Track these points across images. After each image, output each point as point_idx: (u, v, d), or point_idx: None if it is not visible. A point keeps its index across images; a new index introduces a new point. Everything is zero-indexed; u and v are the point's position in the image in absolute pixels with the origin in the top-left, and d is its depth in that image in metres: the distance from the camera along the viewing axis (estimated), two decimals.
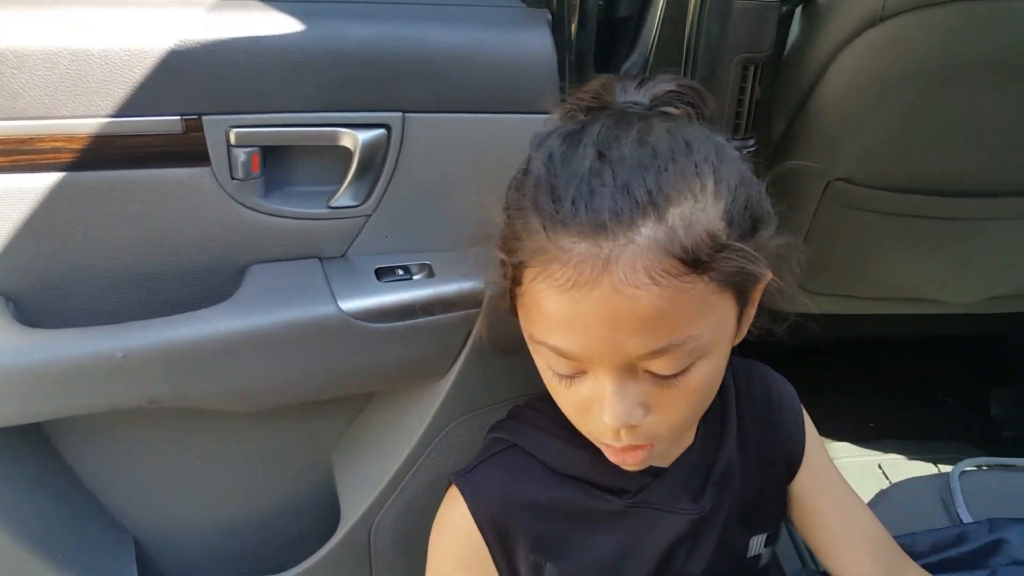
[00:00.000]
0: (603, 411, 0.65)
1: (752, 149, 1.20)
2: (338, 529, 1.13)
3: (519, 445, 0.80)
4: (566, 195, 0.61)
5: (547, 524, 0.77)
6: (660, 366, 0.63)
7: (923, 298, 1.58)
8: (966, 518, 0.98)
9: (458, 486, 0.79)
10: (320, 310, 0.94)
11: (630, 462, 0.69)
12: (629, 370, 0.64)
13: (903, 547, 0.88)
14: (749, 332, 0.78)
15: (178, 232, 0.95)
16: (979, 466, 1.09)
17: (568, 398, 0.69)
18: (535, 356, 0.71)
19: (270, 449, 1.13)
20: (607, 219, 0.59)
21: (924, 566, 0.89)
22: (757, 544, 0.84)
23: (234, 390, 0.97)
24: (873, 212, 1.39)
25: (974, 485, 1.05)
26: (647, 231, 0.59)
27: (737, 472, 0.81)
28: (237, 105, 0.91)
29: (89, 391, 0.93)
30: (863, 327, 1.74)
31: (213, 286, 0.98)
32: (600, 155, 0.62)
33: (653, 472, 0.78)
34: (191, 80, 0.89)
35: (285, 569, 1.16)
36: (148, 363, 0.92)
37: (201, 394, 0.96)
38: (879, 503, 1.04)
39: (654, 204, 0.60)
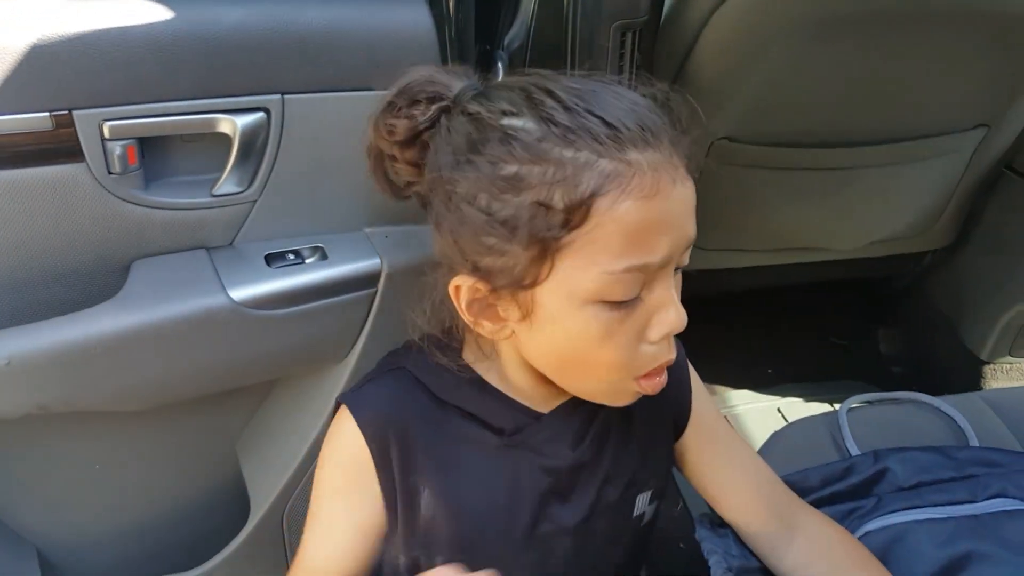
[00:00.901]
0: (665, 321, 0.67)
1: None
2: (249, 519, 1.12)
3: (408, 368, 0.80)
4: (608, 115, 0.63)
5: (426, 448, 0.78)
6: (685, 256, 0.68)
7: (810, 247, 1.65)
8: (854, 451, 1.03)
9: (345, 402, 0.78)
10: (210, 301, 0.92)
11: (662, 383, 0.72)
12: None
13: (795, 484, 0.92)
14: None
15: (55, 232, 0.91)
16: (866, 402, 1.15)
17: (618, 340, 0.68)
18: (573, 318, 0.67)
19: (173, 445, 1.11)
20: (649, 126, 0.63)
21: (815, 500, 0.93)
22: (642, 502, 0.86)
23: (126, 389, 0.95)
24: (756, 167, 1.44)
25: (861, 420, 1.10)
26: (668, 137, 0.65)
27: (619, 428, 0.83)
28: (109, 97, 0.88)
29: None
30: (756, 279, 1.80)
31: (98, 285, 0.95)
32: (590, 91, 0.65)
33: (533, 415, 0.79)
34: (58, 74, 0.85)
35: (198, 564, 1.15)
36: (34, 368, 0.89)
37: (92, 396, 0.94)
38: (773, 444, 1.09)
39: (662, 113, 0.66)
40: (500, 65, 1.27)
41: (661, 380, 0.72)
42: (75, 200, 0.90)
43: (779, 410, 1.82)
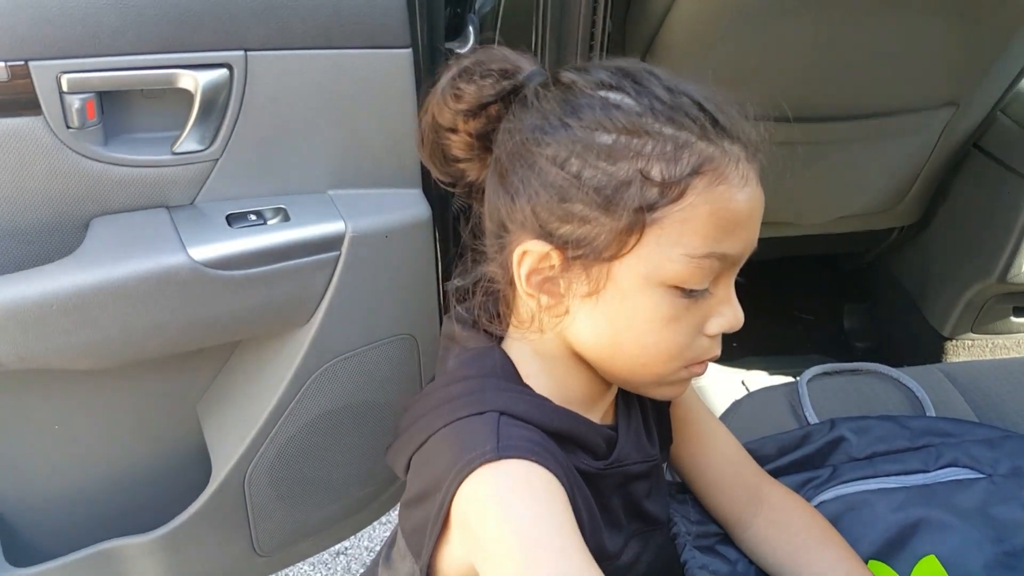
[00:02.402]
0: (725, 317, 0.68)
1: None
2: (210, 481, 1.12)
3: (506, 412, 0.68)
4: (707, 103, 0.65)
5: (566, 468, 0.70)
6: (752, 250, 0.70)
7: (777, 221, 1.66)
8: (813, 420, 1.04)
9: (505, 456, 0.64)
10: (169, 260, 0.91)
11: (703, 371, 0.73)
12: None
13: (752, 452, 0.94)
14: None
15: (12, 187, 0.89)
16: (826, 372, 1.16)
17: (680, 328, 0.67)
18: (645, 297, 0.66)
19: (133, 406, 1.10)
20: (739, 123, 0.66)
21: (772, 470, 0.95)
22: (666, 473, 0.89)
23: (84, 348, 0.94)
24: None
25: (821, 390, 1.12)
26: (750, 135, 0.68)
27: (640, 413, 0.83)
28: (68, 49, 0.86)
29: None
30: None
31: (56, 242, 0.93)
32: (669, 77, 0.67)
33: (611, 430, 0.77)
34: (15, 24, 0.83)
35: (159, 526, 1.15)
36: None
37: (49, 354, 0.92)
38: (732, 413, 1.10)
39: (737, 115, 0.68)
40: (471, 29, 1.26)
41: (700, 370, 0.72)
42: (32, 154, 0.88)
43: (743, 382, 1.83)
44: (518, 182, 0.67)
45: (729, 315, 0.68)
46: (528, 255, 0.67)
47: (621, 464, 0.77)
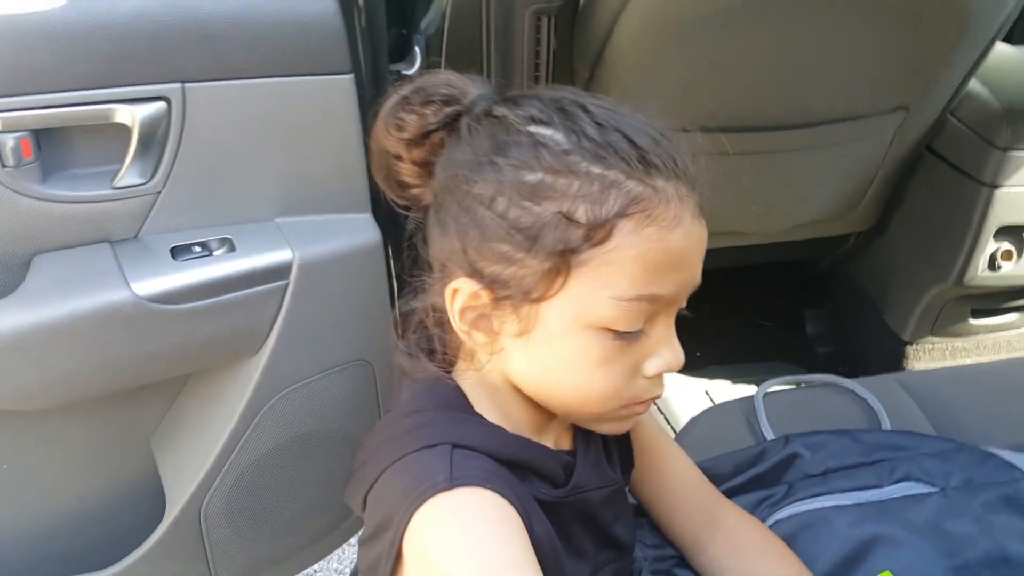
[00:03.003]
0: (663, 358, 0.67)
1: None
2: (164, 516, 1.10)
3: (459, 444, 0.66)
4: (638, 138, 0.63)
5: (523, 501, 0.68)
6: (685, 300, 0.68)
7: (734, 231, 1.66)
8: (770, 436, 1.05)
9: (454, 485, 0.62)
10: (112, 296, 0.90)
11: (644, 410, 0.73)
12: None
13: (709, 471, 0.94)
14: None
15: None
16: (782, 386, 1.16)
17: (614, 369, 0.66)
18: (574, 339, 0.64)
19: (85, 443, 1.08)
20: (675, 158, 0.64)
21: (729, 489, 0.95)
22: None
23: (29, 387, 0.92)
24: None
25: (778, 404, 1.12)
26: (690, 173, 0.66)
27: (609, 453, 0.82)
28: (1, 88, 0.85)
29: None
30: None
31: None
32: (616, 112, 0.66)
33: (568, 456, 0.76)
34: None
35: (114, 563, 1.13)
36: None
37: None
38: (690, 430, 1.10)
39: (676, 148, 0.66)
40: (417, 50, 1.26)
41: (641, 409, 0.72)
42: None
43: (707, 392, 1.84)
44: (449, 218, 0.67)
45: (667, 356, 0.67)
46: (459, 293, 0.66)
47: (581, 491, 0.75)
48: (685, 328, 0.74)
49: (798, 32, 1.27)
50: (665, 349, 0.67)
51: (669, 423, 1.79)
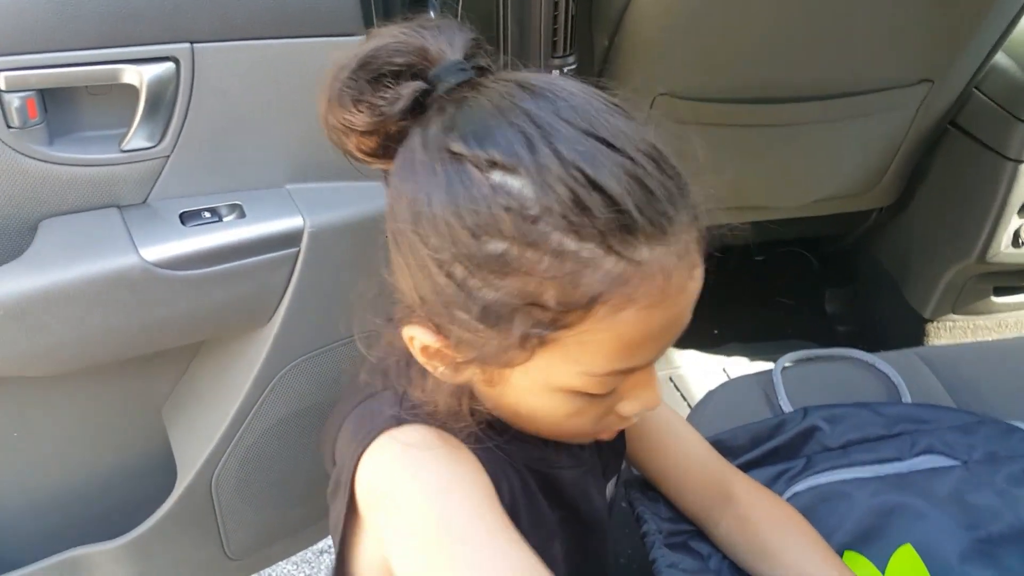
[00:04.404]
0: (640, 401, 0.62)
1: (572, 67, 1.20)
2: (176, 486, 1.09)
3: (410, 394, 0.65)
4: (619, 193, 0.51)
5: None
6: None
7: (754, 206, 1.64)
8: (788, 409, 1.02)
9: (380, 431, 0.62)
10: (120, 261, 0.88)
11: (610, 435, 0.69)
12: None
13: (725, 442, 0.92)
14: None
15: None
16: (801, 359, 1.14)
17: (586, 418, 0.62)
18: (542, 398, 0.60)
19: (95, 412, 1.08)
20: (664, 204, 0.53)
21: (746, 462, 0.93)
22: (611, 487, 0.84)
23: (36, 353, 0.91)
24: (697, 124, 1.42)
25: (796, 378, 1.10)
26: (684, 208, 0.54)
27: None
28: (5, 46, 0.83)
29: None
30: None
31: (2, 246, 0.91)
32: (593, 137, 0.53)
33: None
34: None
35: (124, 533, 1.12)
36: None
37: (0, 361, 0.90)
38: (707, 403, 1.08)
39: (671, 174, 0.54)
40: (431, 13, 1.23)
41: (618, 431, 0.69)
42: None
43: (724, 369, 1.82)
44: (403, 262, 0.58)
45: (644, 399, 0.62)
46: (415, 340, 0.59)
47: (545, 466, 0.71)
48: (703, 304, 0.72)
49: (829, 2, 1.24)
50: (642, 393, 0.62)
51: (685, 399, 1.77)
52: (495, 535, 0.56)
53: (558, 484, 0.72)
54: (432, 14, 1.22)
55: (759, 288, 2.02)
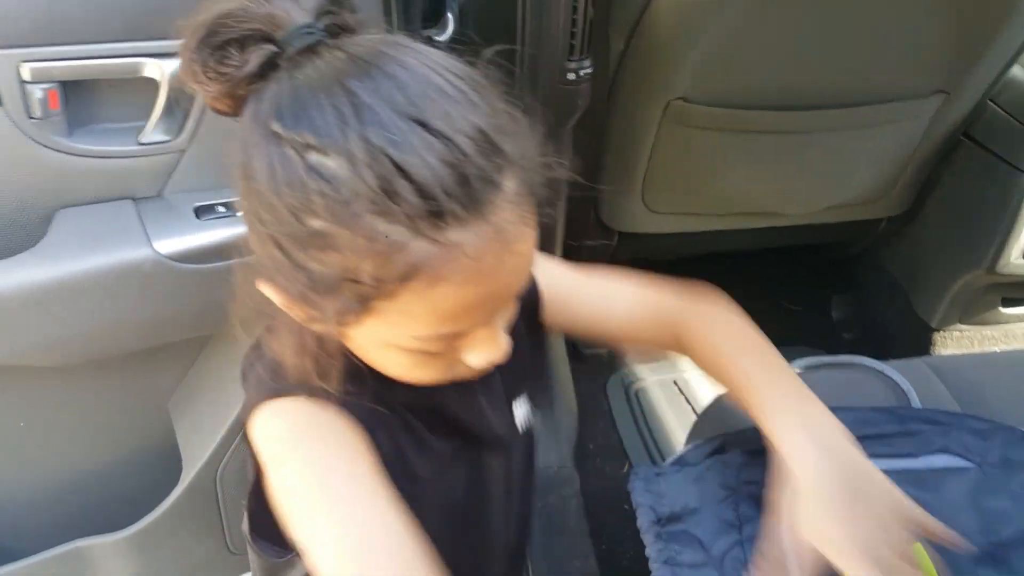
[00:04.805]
0: (484, 354, 0.64)
1: (588, 71, 1.19)
2: (181, 479, 1.10)
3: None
4: (427, 179, 0.52)
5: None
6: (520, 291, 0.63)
7: (764, 212, 1.64)
8: None
9: (259, 399, 0.68)
10: (134, 253, 0.89)
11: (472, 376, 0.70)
12: None
13: (736, 444, 0.91)
14: (591, 252, 0.79)
15: None
16: (809, 366, 1.14)
17: (434, 367, 0.65)
18: (387, 352, 0.63)
19: (102, 403, 1.08)
20: (478, 188, 0.54)
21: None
22: (519, 409, 0.85)
23: (48, 343, 0.91)
24: (712, 130, 1.42)
25: (805, 383, 1.09)
26: (508, 181, 0.56)
27: None
28: (29, 38, 0.84)
29: None
30: (709, 243, 1.79)
31: (18, 235, 0.91)
32: (413, 120, 0.53)
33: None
34: None
35: (129, 524, 1.13)
36: None
37: (10, 349, 0.90)
38: (715, 407, 1.08)
39: (497, 147, 0.56)
40: (450, 16, 1.24)
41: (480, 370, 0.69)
42: None
43: None
44: (247, 223, 0.61)
45: (488, 352, 0.64)
46: (268, 294, 0.62)
47: (427, 400, 0.72)
48: None
49: (841, 8, 1.24)
50: (484, 347, 0.64)
51: (690, 403, 1.77)
52: (365, 495, 0.62)
53: (445, 414, 0.75)
54: (450, 15, 1.22)
55: (767, 293, 2.02)
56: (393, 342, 0.61)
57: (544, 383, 0.88)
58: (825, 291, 2.08)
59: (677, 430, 1.70)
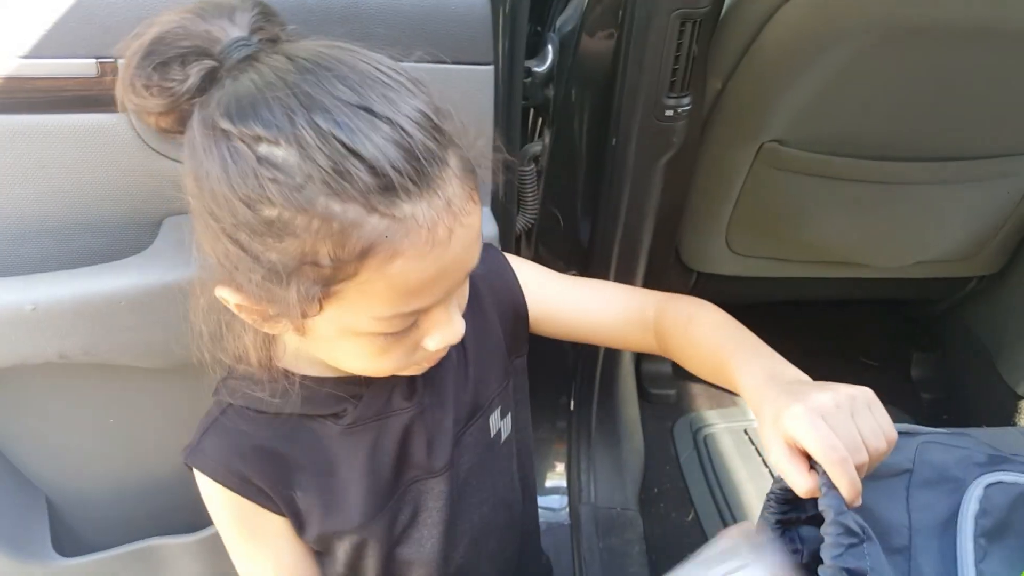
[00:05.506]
0: (443, 336, 0.68)
1: (687, 108, 1.20)
2: None
3: (233, 404, 0.79)
4: (376, 157, 0.56)
5: (280, 464, 0.78)
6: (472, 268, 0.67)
7: (851, 262, 1.61)
8: None
9: (192, 465, 0.80)
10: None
11: (429, 364, 0.74)
12: None
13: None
14: (675, 291, 0.86)
15: (91, 181, 0.90)
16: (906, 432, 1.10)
17: (394, 354, 0.68)
18: (347, 342, 0.67)
19: (186, 407, 1.08)
20: (426, 163, 0.58)
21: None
22: (495, 421, 0.88)
23: (148, 345, 0.94)
24: (804, 175, 1.40)
25: None
26: (452, 158, 0.61)
27: (454, 366, 0.83)
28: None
29: None
30: (790, 290, 1.77)
31: (127, 238, 0.94)
32: (357, 107, 0.58)
33: (355, 392, 0.79)
34: (108, 20, 0.83)
35: (202, 528, 1.14)
36: (59, 316, 0.89)
37: (114, 349, 0.92)
38: None
39: (439, 127, 0.61)
40: (550, 48, 1.25)
41: (437, 359, 0.74)
42: (113, 151, 0.88)
43: None
44: (199, 228, 0.64)
45: (446, 334, 0.68)
46: (228, 302, 0.66)
47: (364, 419, 0.79)
48: (784, 357, 0.72)
49: (945, 59, 1.22)
50: (442, 329, 0.68)
51: (759, 454, 1.74)
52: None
53: (378, 441, 0.80)
54: (550, 47, 1.24)
55: (844, 346, 1.98)
56: (354, 327, 0.64)
57: (522, 394, 0.94)
58: (906, 348, 2.02)
59: (746, 481, 1.67)
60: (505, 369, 0.89)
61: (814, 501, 0.66)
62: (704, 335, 0.81)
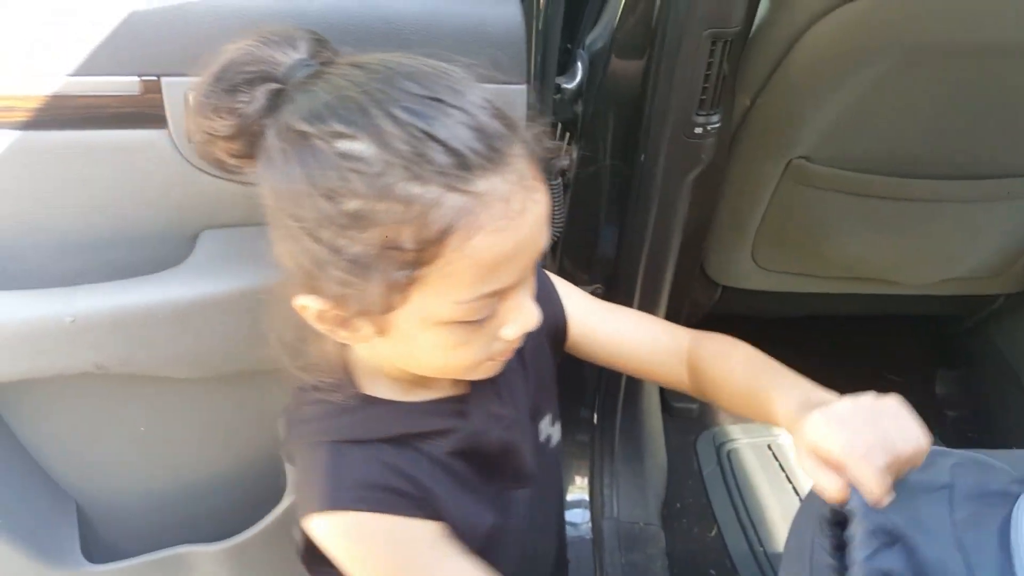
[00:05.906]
0: (520, 322, 0.69)
1: (716, 125, 1.20)
2: (284, 498, 1.12)
3: (329, 441, 0.75)
4: (452, 139, 0.60)
5: (409, 479, 0.75)
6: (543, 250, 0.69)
7: (878, 278, 1.61)
8: None
9: (335, 507, 0.72)
10: (271, 277, 0.92)
11: (510, 356, 0.75)
12: None
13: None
14: (693, 303, 0.85)
15: (132, 196, 0.91)
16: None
17: (472, 346, 0.69)
18: (429, 335, 0.67)
19: (217, 417, 1.11)
20: (498, 143, 0.61)
21: None
22: (546, 427, 0.90)
23: (183, 357, 0.95)
24: (832, 191, 1.41)
25: None
26: (515, 142, 0.63)
27: (514, 368, 0.83)
28: (198, 68, 0.88)
29: (35, 355, 0.90)
30: (816, 305, 1.76)
31: (165, 251, 0.95)
32: (428, 98, 0.62)
33: (457, 406, 0.79)
34: (151, 39, 0.85)
35: (230, 536, 1.15)
36: (96, 328, 0.90)
37: (150, 360, 0.94)
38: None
39: (504, 114, 0.64)
40: (580, 65, 1.25)
41: (511, 354, 0.75)
42: (154, 166, 0.89)
43: None
44: (280, 240, 0.66)
45: (523, 320, 0.69)
46: (307, 309, 0.67)
47: (478, 435, 0.79)
48: (807, 372, 0.74)
49: (977, 77, 1.22)
50: (519, 314, 0.69)
51: (783, 469, 1.73)
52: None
53: (485, 454, 0.80)
54: (580, 65, 1.24)
55: (869, 362, 1.97)
56: (437, 316, 0.65)
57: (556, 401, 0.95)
58: (930, 365, 2.01)
59: (770, 497, 1.67)
60: (553, 376, 0.91)
61: None
62: (738, 367, 0.83)
